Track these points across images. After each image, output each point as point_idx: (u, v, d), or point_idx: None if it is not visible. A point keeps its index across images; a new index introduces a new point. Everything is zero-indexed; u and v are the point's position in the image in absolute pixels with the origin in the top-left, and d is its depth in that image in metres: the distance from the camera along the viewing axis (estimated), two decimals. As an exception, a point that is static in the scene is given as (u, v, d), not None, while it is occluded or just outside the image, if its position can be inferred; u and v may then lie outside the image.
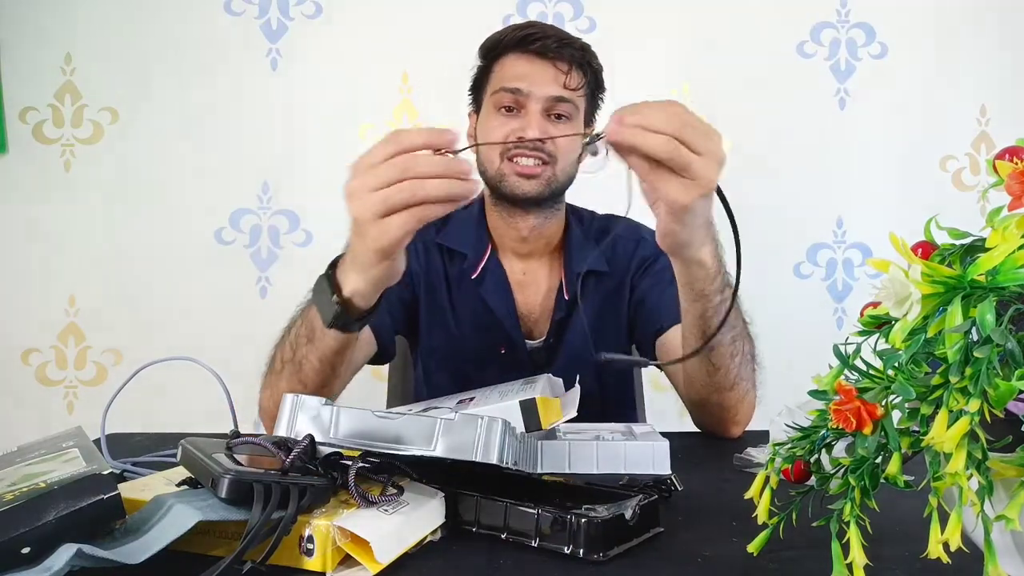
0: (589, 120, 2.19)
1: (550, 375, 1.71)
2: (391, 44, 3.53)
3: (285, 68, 3.53)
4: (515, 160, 2.04)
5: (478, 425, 1.08)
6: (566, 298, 2.16)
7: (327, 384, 1.75)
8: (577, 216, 2.31)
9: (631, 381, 2.37)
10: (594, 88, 2.17)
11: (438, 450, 1.07)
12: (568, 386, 1.68)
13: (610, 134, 1.26)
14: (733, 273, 1.36)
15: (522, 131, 2.01)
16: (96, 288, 3.47)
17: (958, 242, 0.85)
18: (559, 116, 2.06)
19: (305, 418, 1.14)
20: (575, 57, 2.07)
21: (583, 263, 2.17)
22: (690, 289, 1.62)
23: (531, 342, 2.19)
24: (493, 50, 2.12)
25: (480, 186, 1.37)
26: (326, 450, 1.12)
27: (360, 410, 1.13)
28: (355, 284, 1.47)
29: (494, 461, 1.07)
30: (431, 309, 2.15)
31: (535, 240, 2.19)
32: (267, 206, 3.51)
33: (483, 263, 2.17)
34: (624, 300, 2.22)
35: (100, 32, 3.46)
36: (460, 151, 1.30)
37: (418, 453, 1.08)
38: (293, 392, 1.19)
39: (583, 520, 1.02)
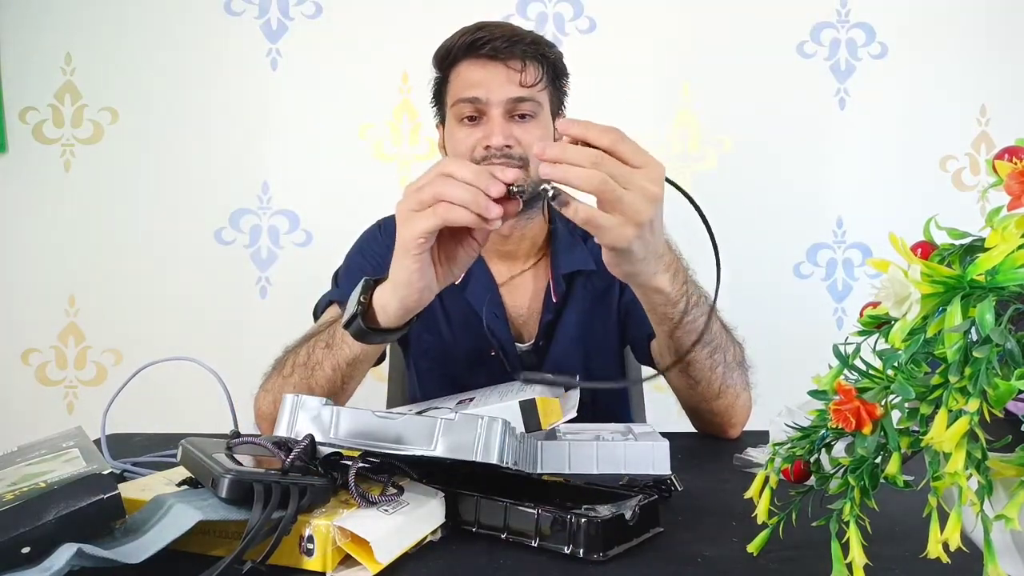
0: (556, 111, 2.17)
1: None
2: (391, 44, 3.53)
3: (285, 68, 3.53)
4: None
5: (478, 425, 1.08)
6: (554, 300, 2.15)
7: (334, 397, 1.75)
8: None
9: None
10: (554, 78, 2.14)
11: (438, 450, 1.07)
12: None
13: (541, 171, 1.27)
14: (719, 277, 1.35)
15: (487, 140, 1.99)
16: (96, 288, 3.48)
17: (957, 242, 0.85)
18: (523, 116, 2.03)
19: (306, 418, 1.14)
20: (527, 52, 2.03)
21: (569, 263, 2.16)
22: (653, 313, 1.65)
23: (521, 345, 2.17)
24: (446, 59, 2.10)
25: (498, 220, 1.37)
26: (326, 450, 1.12)
27: (360, 410, 1.13)
28: (385, 298, 1.49)
29: (494, 461, 1.07)
30: (420, 314, 2.15)
31: (518, 240, 2.19)
32: (267, 206, 3.51)
33: None
34: (614, 300, 2.20)
35: (100, 32, 3.47)
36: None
37: (418, 453, 1.08)
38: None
39: (583, 520, 1.02)
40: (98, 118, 3.48)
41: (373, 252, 2.18)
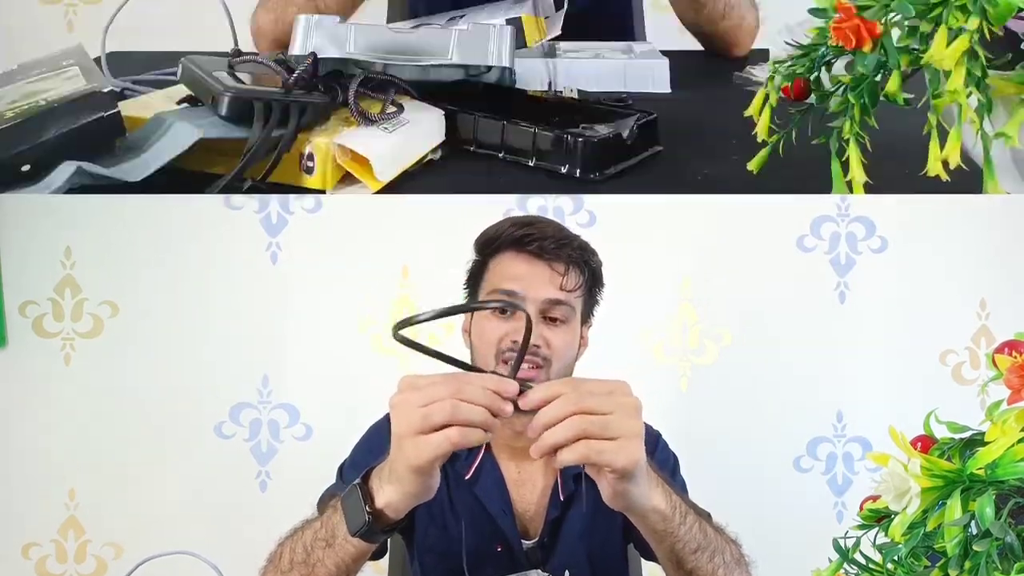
0: (586, 318, 2.18)
1: None
2: (391, 237, 3.57)
3: (285, 261, 3.58)
4: (510, 364, 1.98)
5: (491, 32, 1.11)
6: (561, 498, 2.11)
7: None
8: None
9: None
10: (591, 285, 2.16)
11: (455, 58, 1.09)
12: None
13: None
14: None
15: (517, 334, 1.98)
16: (96, 481, 3.44)
17: (957, 436, 0.87)
18: (554, 320, 1.96)
19: (321, 35, 1.14)
20: (573, 257, 1.96)
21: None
22: (652, 533, 1.64)
23: (526, 541, 2.14)
24: (489, 246, 2.01)
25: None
26: (329, 68, 1.12)
27: (377, 26, 1.15)
28: (389, 497, 1.48)
29: (507, 64, 1.09)
30: (427, 508, 2.10)
31: (529, 440, 2.14)
32: (267, 400, 3.51)
33: (477, 462, 2.15)
34: None
35: (100, 225, 3.52)
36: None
37: (435, 63, 1.10)
38: None
39: (579, 140, 1.02)
40: (98, 312, 3.50)
41: (382, 447, 2.15)
